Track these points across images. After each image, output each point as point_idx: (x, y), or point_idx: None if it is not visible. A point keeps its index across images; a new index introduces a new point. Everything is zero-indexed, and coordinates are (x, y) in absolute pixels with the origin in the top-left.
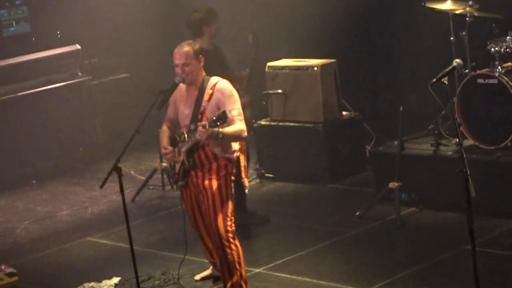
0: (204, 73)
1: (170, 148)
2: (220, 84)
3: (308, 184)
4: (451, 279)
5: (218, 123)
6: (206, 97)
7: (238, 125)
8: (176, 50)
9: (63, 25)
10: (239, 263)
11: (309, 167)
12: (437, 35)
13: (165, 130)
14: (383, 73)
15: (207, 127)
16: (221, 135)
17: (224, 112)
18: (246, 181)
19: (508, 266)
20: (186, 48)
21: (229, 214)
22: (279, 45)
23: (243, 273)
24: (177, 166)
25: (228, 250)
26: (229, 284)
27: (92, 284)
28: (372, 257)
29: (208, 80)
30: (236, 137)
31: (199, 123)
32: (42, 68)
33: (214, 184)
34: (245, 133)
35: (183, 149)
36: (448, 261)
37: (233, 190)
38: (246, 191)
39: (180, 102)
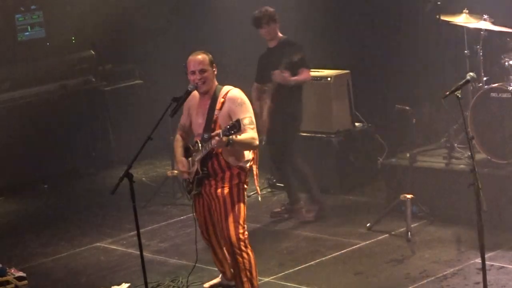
0: (216, 83)
1: (185, 168)
2: (231, 92)
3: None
4: None
5: (232, 132)
6: (218, 105)
7: (250, 134)
8: (192, 58)
9: (78, 30)
10: (251, 271)
11: (320, 177)
12: (451, 49)
13: (178, 139)
14: (397, 85)
15: (221, 136)
16: (231, 142)
17: (238, 121)
18: (258, 189)
19: None
20: (202, 55)
21: (241, 222)
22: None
23: (255, 282)
24: (191, 176)
25: (240, 258)
26: None
27: None
28: (381, 269)
29: (221, 89)
30: (247, 145)
31: (213, 133)
32: (56, 73)
33: (227, 192)
34: (257, 142)
35: (197, 158)
36: (458, 274)
37: (245, 198)
38: (259, 198)
39: (194, 111)
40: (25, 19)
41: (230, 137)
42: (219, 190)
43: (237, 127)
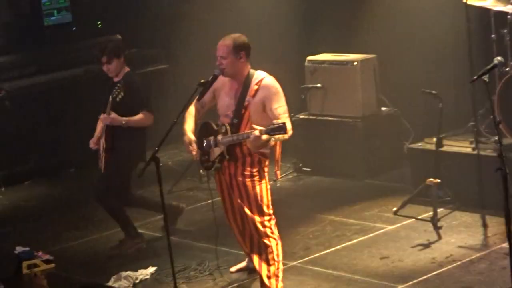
0: (249, 67)
1: (195, 147)
2: (266, 80)
3: (345, 179)
4: (487, 278)
5: (276, 133)
6: (251, 92)
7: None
8: (219, 42)
9: (104, 15)
10: (278, 255)
11: (346, 162)
12: (478, 33)
13: (191, 113)
14: (423, 69)
15: (262, 133)
16: (273, 142)
17: (284, 124)
18: (278, 174)
19: None
20: (227, 41)
21: (266, 209)
22: (320, 39)
23: (280, 265)
24: (212, 154)
25: (268, 243)
26: (265, 275)
27: (128, 273)
28: (407, 254)
29: (254, 74)
30: (283, 139)
31: (255, 126)
32: (82, 58)
33: (248, 180)
34: (291, 132)
35: (224, 141)
36: (484, 259)
37: (268, 184)
38: (278, 184)
39: (221, 92)
40: (51, 4)
41: (273, 137)
42: (240, 178)
43: (283, 129)
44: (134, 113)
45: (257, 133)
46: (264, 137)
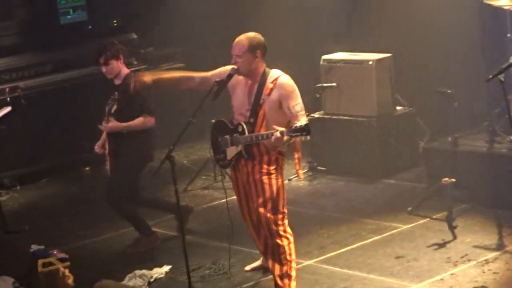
0: (264, 66)
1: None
2: (281, 79)
3: (360, 178)
4: (502, 278)
5: (298, 134)
6: (266, 91)
7: (303, 122)
8: (235, 41)
9: (120, 13)
10: (290, 254)
11: (361, 161)
12: (494, 32)
13: (188, 73)
14: (438, 68)
15: (284, 134)
16: (291, 141)
17: (307, 126)
18: (300, 173)
19: None
20: (243, 40)
21: (280, 209)
22: (335, 38)
23: (293, 265)
24: (229, 152)
25: (280, 242)
26: (277, 274)
27: (143, 271)
28: (422, 253)
29: (269, 73)
30: (305, 139)
31: (276, 127)
32: None
33: (265, 178)
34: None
35: (243, 141)
36: (500, 259)
37: (284, 183)
38: (300, 184)
39: (236, 89)
40: (67, 2)
41: (293, 140)
42: (257, 176)
43: (306, 131)
44: (135, 117)
45: (278, 134)
46: (286, 138)
